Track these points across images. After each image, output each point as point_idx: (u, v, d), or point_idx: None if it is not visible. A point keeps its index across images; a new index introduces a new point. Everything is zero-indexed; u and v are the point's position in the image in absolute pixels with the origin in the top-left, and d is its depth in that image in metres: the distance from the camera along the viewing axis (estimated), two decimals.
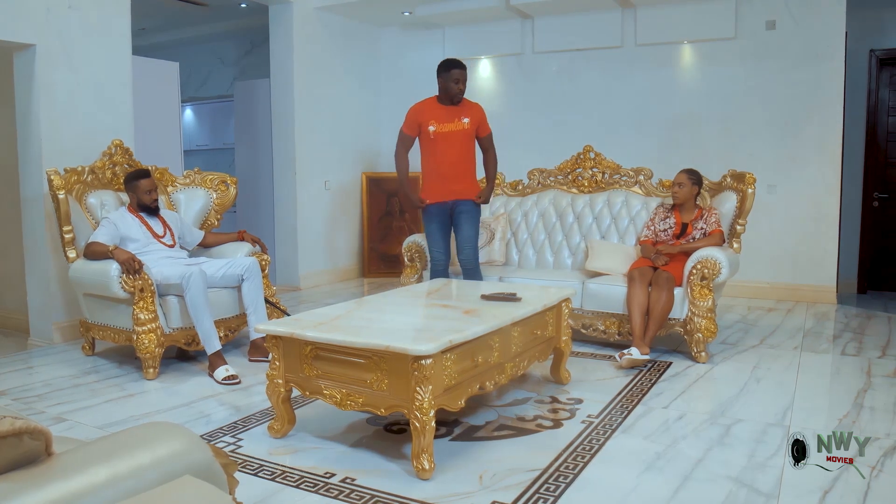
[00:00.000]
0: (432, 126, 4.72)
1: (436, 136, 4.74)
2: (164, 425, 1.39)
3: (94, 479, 1.16)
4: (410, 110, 4.85)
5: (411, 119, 4.81)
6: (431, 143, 4.77)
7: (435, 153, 4.79)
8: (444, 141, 4.75)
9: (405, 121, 4.85)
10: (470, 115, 4.80)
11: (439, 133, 4.74)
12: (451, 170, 4.80)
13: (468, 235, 4.83)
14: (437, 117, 4.73)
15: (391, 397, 2.74)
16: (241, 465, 2.82)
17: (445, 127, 4.74)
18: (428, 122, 4.73)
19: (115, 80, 5.18)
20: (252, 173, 7.59)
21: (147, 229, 4.40)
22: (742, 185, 4.65)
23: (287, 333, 2.97)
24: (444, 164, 4.79)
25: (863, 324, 5.48)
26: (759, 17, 6.37)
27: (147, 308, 4.00)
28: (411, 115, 4.83)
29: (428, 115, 4.75)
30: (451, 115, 4.76)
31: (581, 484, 2.65)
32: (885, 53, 6.87)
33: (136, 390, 3.88)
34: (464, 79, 4.72)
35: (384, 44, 8.13)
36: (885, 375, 4.06)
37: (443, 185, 4.81)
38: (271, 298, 4.66)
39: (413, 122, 4.80)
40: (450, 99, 4.73)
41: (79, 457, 1.23)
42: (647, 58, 6.81)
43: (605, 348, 4.63)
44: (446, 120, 4.74)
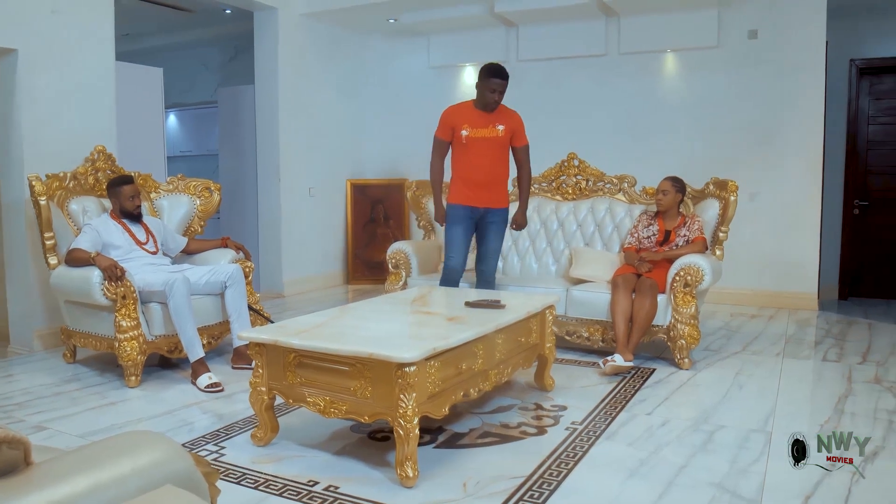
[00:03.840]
0: (465, 130, 4.54)
1: (468, 141, 4.55)
2: (144, 434, 1.38)
3: (73, 488, 1.15)
4: (444, 113, 4.66)
5: (445, 122, 4.63)
6: (464, 148, 4.59)
7: (467, 158, 4.60)
8: (476, 146, 4.56)
9: (439, 125, 4.66)
10: (505, 122, 4.60)
11: (472, 138, 4.55)
12: (483, 177, 4.61)
13: (495, 248, 4.72)
14: (470, 121, 4.55)
15: (375, 405, 2.73)
16: (224, 474, 2.80)
17: (479, 132, 4.55)
18: (461, 125, 4.55)
19: (99, 85, 5.15)
20: (236, 180, 7.56)
21: (130, 236, 4.37)
22: (724, 192, 4.69)
23: (270, 341, 2.95)
24: (476, 170, 4.60)
25: (844, 330, 5.53)
26: (742, 27, 6.43)
27: (129, 315, 3.97)
28: (445, 118, 4.64)
29: (462, 119, 4.57)
30: (485, 120, 4.56)
31: (565, 491, 2.66)
32: (864, 63, 6.96)
33: (118, 398, 3.84)
34: (502, 89, 4.50)
35: (369, 51, 8.14)
36: (865, 381, 4.09)
37: (474, 191, 4.62)
38: (255, 305, 4.64)
39: (447, 125, 4.61)
40: (484, 105, 4.55)
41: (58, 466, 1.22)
42: (631, 66, 6.85)
43: (589, 355, 4.64)
44: (480, 125, 4.55)
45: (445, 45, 7.62)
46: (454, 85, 7.77)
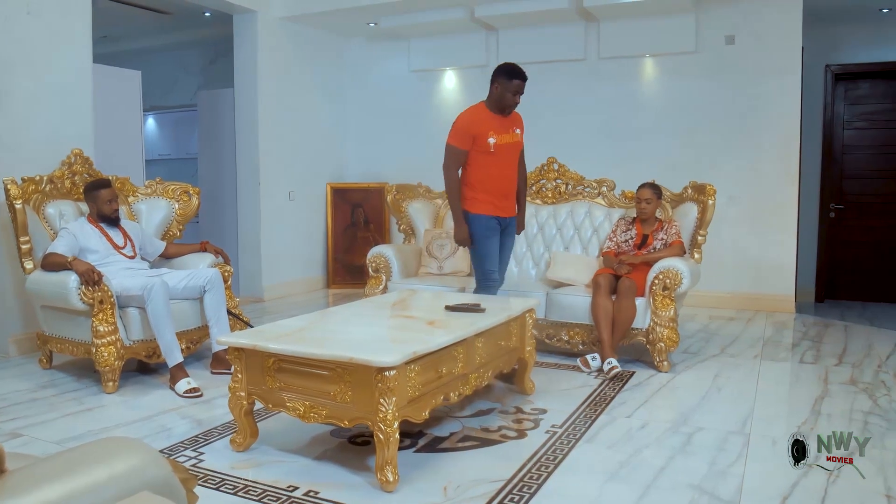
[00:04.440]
0: (492, 138, 4.20)
1: (497, 149, 4.23)
2: (121, 440, 1.37)
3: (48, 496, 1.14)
4: (463, 122, 4.28)
5: (465, 131, 4.23)
6: (490, 157, 4.24)
7: (494, 167, 4.28)
8: (503, 154, 4.28)
9: (456, 134, 4.26)
10: (518, 125, 4.39)
11: (500, 146, 4.24)
12: (508, 185, 4.40)
13: (510, 255, 4.65)
14: (494, 128, 4.24)
15: (355, 409, 2.72)
16: (203, 480, 2.78)
17: (504, 139, 4.27)
18: (486, 133, 4.20)
19: (76, 88, 5.11)
20: (215, 183, 7.52)
21: (107, 240, 4.33)
22: (703, 196, 4.73)
23: (249, 345, 2.94)
24: (503, 179, 4.35)
25: (820, 332, 5.59)
26: (719, 32, 6.49)
27: (107, 320, 3.93)
28: (465, 127, 4.24)
29: (485, 126, 4.23)
30: (505, 125, 4.29)
31: (545, 494, 2.66)
32: (840, 69, 7.05)
33: (95, 404, 3.80)
34: (522, 91, 4.25)
35: (349, 55, 8.13)
36: (841, 383, 4.14)
37: (501, 201, 4.36)
38: (234, 310, 4.61)
39: (467, 135, 4.22)
40: (501, 109, 4.26)
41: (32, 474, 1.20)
42: (610, 71, 6.90)
43: (569, 358, 4.66)
44: (503, 131, 4.27)
45: (426, 50, 7.63)
46: (435, 89, 7.78)
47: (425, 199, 5.80)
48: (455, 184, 4.30)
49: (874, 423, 3.43)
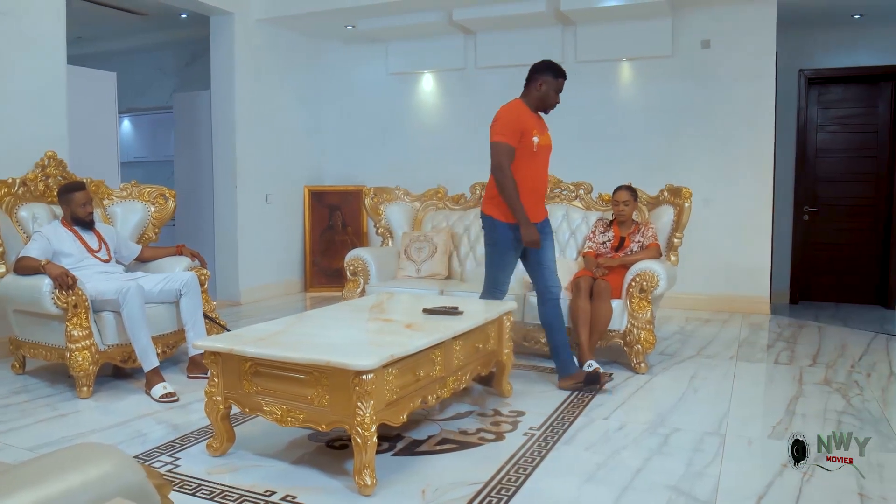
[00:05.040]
0: (536, 137, 3.97)
1: (539, 149, 4.00)
2: (94, 446, 1.35)
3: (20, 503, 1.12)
4: (509, 115, 3.97)
5: (514, 126, 3.93)
6: (531, 158, 3.99)
7: (534, 168, 4.04)
8: (542, 155, 4.08)
9: (504, 129, 3.92)
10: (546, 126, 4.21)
11: (541, 146, 4.03)
12: (543, 189, 4.22)
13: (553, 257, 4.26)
14: (537, 128, 4.02)
15: (332, 413, 2.71)
16: (179, 485, 2.76)
17: (544, 139, 4.06)
18: (531, 131, 3.96)
19: (50, 89, 5.05)
20: (192, 186, 7.47)
21: (81, 243, 4.28)
22: (679, 199, 4.77)
23: (226, 349, 2.92)
24: (541, 181, 4.13)
25: (795, 333, 5.65)
26: (695, 37, 6.56)
27: (81, 324, 3.88)
28: (513, 122, 3.94)
29: (531, 124, 3.99)
30: (542, 126, 4.11)
31: (523, 496, 2.67)
32: (813, 73, 7.14)
33: (69, 410, 3.76)
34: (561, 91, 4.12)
35: (327, 57, 8.11)
36: (815, 383, 4.19)
37: (537, 205, 4.12)
38: (211, 314, 4.58)
39: (516, 130, 3.92)
40: (543, 108, 4.08)
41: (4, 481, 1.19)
42: (587, 74, 6.93)
43: (546, 361, 4.67)
44: (543, 131, 4.08)
45: (404, 52, 7.63)
46: (413, 92, 7.78)
47: (403, 201, 5.79)
48: (513, 182, 3.90)
49: (847, 423, 3.48)
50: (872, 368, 4.57)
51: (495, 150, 3.94)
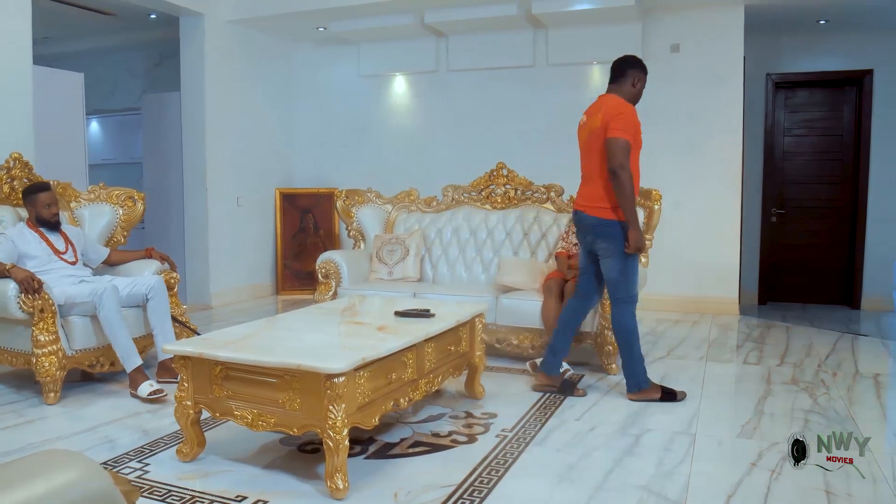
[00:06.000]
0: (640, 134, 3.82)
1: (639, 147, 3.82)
2: (59, 452, 1.33)
3: None
4: (632, 114, 3.73)
5: (635, 126, 3.73)
6: (636, 157, 3.78)
7: (636, 167, 3.79)
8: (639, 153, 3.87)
9: (628, 127, 3.68)
10: None
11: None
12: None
13: None
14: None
15: (304, 417, 2.70)
16: (149, 491, 2.73)
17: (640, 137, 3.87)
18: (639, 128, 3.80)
19: (15, 90, 4.97)
20: (161, 189, 7.39)
21: (47, 245, 4.22)
22: (648, 201, 4.81)
23: (196, 353, 2.89)
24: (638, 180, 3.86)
25: (763, 333, 5.73)
26: (664, 41, 6.63)
27: (48, 329, 3.82)
28: (634, 120, 3.73)
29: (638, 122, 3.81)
30: None
31: (496, 498, 2.67)
32: (780, 77, 7.26)
33: (36, 416, 3.69)
34: None
35: (298, 59, 8.07)
36: (783, 383, 4.25)
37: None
38: (180, 317, 4.53)
39: (636, 130, 3.73)
40: (635, 104, 3.87)
41: None
42: (558, 77, 6.98)
43: (519, 362, 4.69)
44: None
45: (376, 55, 7.61)
46: (385, 94, 7.77)
47: (375, 204, 5.78)
48: (632, 182, 3.67)
49: (814, 421, 3.53)
50: (838, 367, 4.65)
51: (617, 147, 3.63)
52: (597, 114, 3.83)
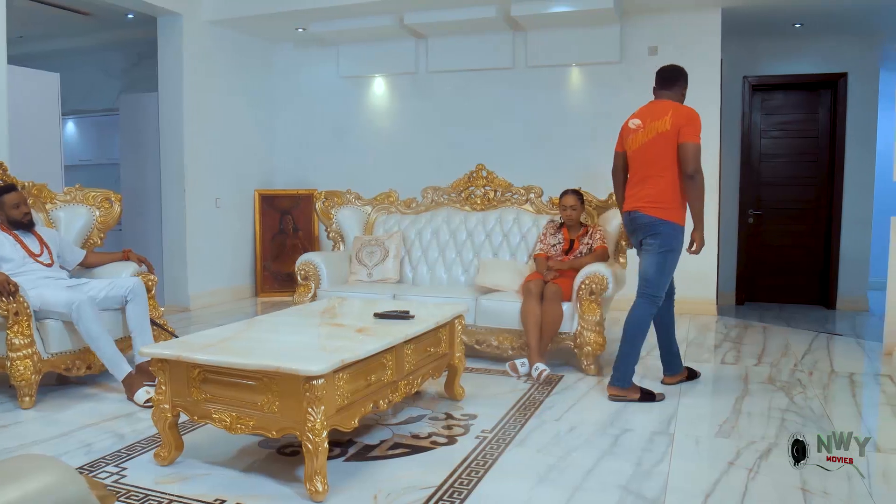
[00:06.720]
0: None
1: None
2: (34, 457, 1.32)
3: None
4: (699, 119, 3.95)
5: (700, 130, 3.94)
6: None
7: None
8: None
9: (698, 130, 3.90)
10: None
11: None
12: None
13: None
14: None
15: (283, 419, 2.69)
16: (126, 496, 2.70)
17: None
18: None
19: None
20: (139, 190, 7.32)
21: (22, 247, 4.16)
22: None
23: (173, 356, 2.87)
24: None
25: (741, 334, 5.78)
26: (643, 43, 6.67)
27: (22, 332, 3.77)
28: (700, 124, 3.94)
29: None
30: None
31: (475, 499, 2.68)
32: (756, 80, 7.33)
33: (10, 421, 3.65)
34: None
35: (278, 60, 8.04)
36: (760, 382, 4.30)
37: None
38: (158, 320, 4.49)
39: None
40: None
41: None
42: (537, 79, 7.00)
43: (498, 363, 4.69)
44: None
45: (355, 56, 7.60)
46: (364, 95, 7.76)
47: (354, 205, 5.77)
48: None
49: (791, 420, 3.57)
50: (814, 367, 4.70)
51: (696, 151, 3.86)
52: (662, 118, 3.94)
